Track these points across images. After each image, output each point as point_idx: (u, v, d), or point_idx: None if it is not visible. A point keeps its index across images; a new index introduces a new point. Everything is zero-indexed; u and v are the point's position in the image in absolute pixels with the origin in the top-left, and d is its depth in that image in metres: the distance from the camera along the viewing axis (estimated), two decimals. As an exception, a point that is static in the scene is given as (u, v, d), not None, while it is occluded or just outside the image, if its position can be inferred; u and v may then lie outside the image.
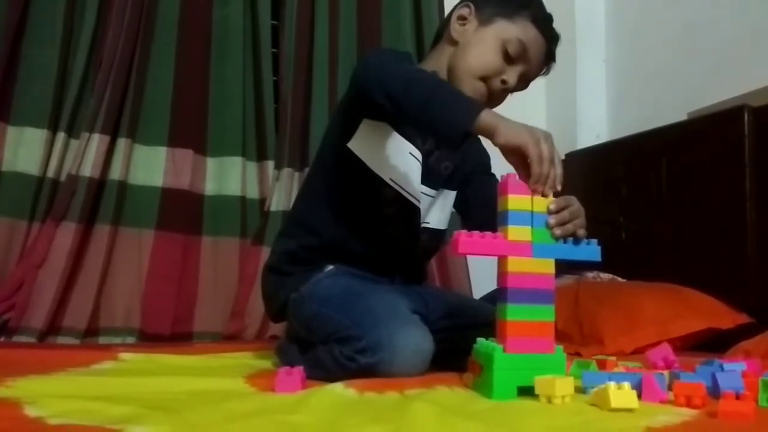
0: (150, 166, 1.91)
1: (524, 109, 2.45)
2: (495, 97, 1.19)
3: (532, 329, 0.87)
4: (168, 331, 1.80)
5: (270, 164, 2.05)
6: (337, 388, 0.84)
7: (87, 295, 1.75)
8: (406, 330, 0.97)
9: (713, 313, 1.58)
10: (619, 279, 1.91)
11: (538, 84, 2.52)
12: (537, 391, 0.82)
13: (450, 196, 1.30)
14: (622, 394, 0.76)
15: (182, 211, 1.92)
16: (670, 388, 0.85)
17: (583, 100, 2.47)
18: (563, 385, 0.80)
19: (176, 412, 0.69)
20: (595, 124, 2.46)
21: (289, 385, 0.85)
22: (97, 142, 1.81)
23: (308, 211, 1.22)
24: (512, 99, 1.23)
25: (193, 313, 1.88)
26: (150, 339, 1.76)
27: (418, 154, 1.17)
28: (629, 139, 2.14)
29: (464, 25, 1.19)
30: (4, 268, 1.72)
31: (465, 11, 1.20)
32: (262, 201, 2.05)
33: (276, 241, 1.29)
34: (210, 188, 1.99)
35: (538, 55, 1.18)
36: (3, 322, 1.65)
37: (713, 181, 1.78)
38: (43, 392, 0.79)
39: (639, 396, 0.80)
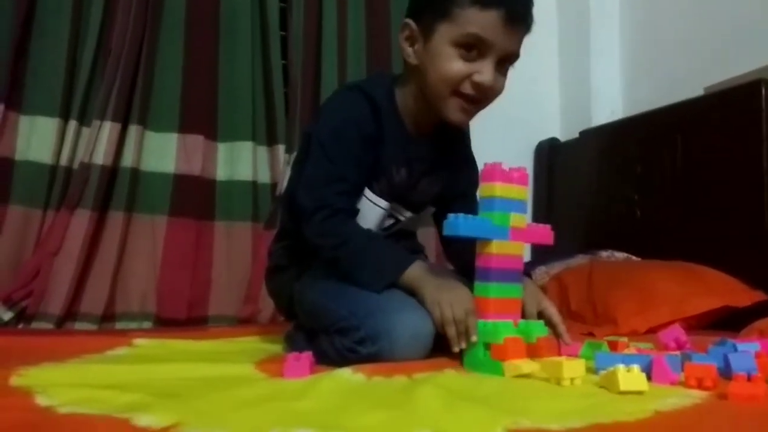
0: (161, 152, 1.91)
1: (538, 88, 2.46)
2: (482, 99, 1.07)
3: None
4: (183, 316, 1.82)
5: (281, 148, 2.05)
6: (345, 373, 0.84)
7: (103, 281, 1.77)
8: (403, 315, 0.96)
9: (729, 291, 1.56)
10: (634, 258, 1.89)
11: (551, 62, 2.53)
12: (546, 373, 0.82)
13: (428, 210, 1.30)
14: (631, 377, 0.75)
15: (194, 197, 1.93)
16: (683, 369, 0.85)
17: (597, 77, 2.44)
18: (571, 368, 0.80)
19: (184, 400, 0.70)
20: (609, 101, 2.43)
21: (298, 371, 0.85)
22: (108, 129, 1.81)
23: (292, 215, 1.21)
24: (526, 79, 1.15)
25: (208, 298, 1.90)
26: (166, 323, 1.78)
27: (381, 202, 1.16)
28: (644, 115, 2.10)
29: (413, 45, 1.09)
30: (20, 256, 1.74)
31: (407, 31, 1.09)
32: (274, 185, 2.05)
33: (273, 241, 1.30)
34: (221, 173, 2.00)
35: (502, 32, 1.01)
36: (21, 309, 1.68)
37: (730, 157, 1.75)
38: (56, 381, 0.79)
39: (649, 378, 0.79)
